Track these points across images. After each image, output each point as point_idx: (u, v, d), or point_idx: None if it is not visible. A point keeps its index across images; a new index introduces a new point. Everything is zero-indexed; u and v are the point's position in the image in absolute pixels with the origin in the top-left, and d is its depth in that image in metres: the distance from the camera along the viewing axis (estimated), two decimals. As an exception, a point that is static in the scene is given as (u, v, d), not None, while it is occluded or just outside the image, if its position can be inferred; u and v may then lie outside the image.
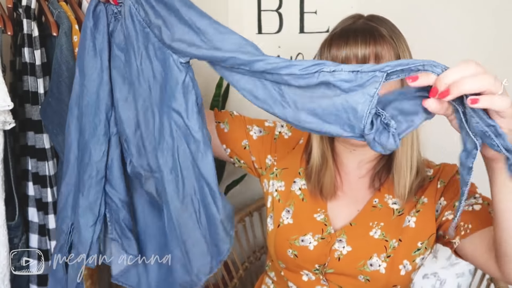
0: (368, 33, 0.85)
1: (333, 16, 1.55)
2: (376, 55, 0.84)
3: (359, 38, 0.85)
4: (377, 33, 0.86)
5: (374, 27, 0.87)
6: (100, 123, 0.79)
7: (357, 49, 0.85)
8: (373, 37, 0.85)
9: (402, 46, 0.88)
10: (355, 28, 0.88)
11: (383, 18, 0.91)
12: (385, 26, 0.88)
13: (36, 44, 1.11)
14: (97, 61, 0.77)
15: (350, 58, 0.85)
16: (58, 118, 1.11)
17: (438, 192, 0.92)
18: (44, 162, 1.14)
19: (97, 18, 0.76)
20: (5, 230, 1.05)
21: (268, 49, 1.54)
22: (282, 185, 1.01)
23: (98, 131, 0.80)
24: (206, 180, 0.73)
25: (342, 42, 0.86)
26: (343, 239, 0.93)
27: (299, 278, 0.96)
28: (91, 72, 0.77)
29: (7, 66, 1.21)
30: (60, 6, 1.16)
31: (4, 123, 1.01)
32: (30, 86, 1.12)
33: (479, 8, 1.47)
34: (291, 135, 1.04)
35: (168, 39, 0.70)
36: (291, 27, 1.52)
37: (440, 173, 0.94)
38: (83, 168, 0.82)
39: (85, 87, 0.78)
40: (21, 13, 1.10)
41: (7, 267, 1.05)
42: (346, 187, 0.98)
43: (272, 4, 1.52)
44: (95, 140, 0.80)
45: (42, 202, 1.15)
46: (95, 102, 0.79)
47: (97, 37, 0.76)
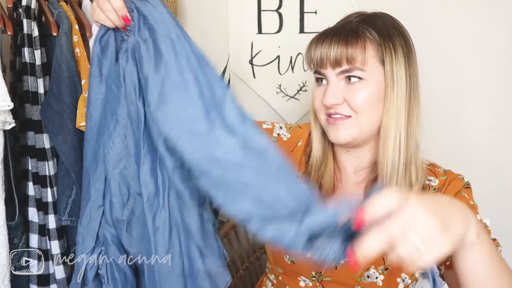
0: (344, 34, 0.84)
1: (333, 16, 1.55)
2: (347, 57, 0.82)
3: (333, 38, 0.84)
4: (354, 33, 0.83)
5: (357, 27, 0.85)
6: (99, 150, 0.77)
7: (330, 50, 0.83)
8: (345, 38, 0.83)
9: (390, 48, 0.84)
10: (336, 28, 0.86)
11: (381, 15, 0.88)
12: (374, 27, 0.85)
13: (36, 44, 1.11)
14: (102, 87, 0.76)
15: (324, 59, 0.84)
16: (58, 118, 1.11)
17: None
18: (44, 162, 1.14)
19: (105, 44, 0.75)
20: (5, 230, 1.05)
21: (268, 49, 1.55)
22: None
23: (97, 158, 0.77)
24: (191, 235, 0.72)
25: (318, 42, 0.86)
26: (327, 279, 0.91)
27: (297, 284, 0.96)
28: (95, 98, 0.76)
29: (7, 66, 1.21)
30: (60, 6, 1.17)
31: (4, 123, 1.01)
32: (30, 86, 1.13)
33: (481, 5, 1.47)
34: (290, 137, 1.02)
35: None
36: (291, 27, 1.52)
37: (445, 188, 0.89)
38: (83, 193, 0.79)
39: (89, 112, 0.77)
40: (21, 13, 1.10)
41: (7, 267, 1.05)
42: (345, 191, 0.96)
43: (272, 4, 1.52)
44: (93, 166, 0.77)
45: (42, 202, 1.15)
46: (97, 128, 0.77)
47: (103, 62, 0.75)
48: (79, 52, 1.15)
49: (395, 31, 0.86)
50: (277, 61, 1.55)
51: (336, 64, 0.84)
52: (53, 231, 1.15)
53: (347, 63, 0.83)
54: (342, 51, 0.82)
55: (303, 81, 1.56)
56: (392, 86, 0.84)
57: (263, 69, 1.55)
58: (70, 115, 1.12)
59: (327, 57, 0.84)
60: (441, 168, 0.94)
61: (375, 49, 0.83)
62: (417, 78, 0.87)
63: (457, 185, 0.88)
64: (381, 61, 0.84)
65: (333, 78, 0.85)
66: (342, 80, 0.85)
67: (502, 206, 1.54)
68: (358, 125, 0.85)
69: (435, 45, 1.49)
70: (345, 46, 0.82)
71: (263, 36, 1.54)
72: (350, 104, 0.84)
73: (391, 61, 0.84)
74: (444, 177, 0.91)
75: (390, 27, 0.86)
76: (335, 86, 0.85)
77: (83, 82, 1.14)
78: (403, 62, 0.85)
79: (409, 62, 0.86)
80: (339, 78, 0.85)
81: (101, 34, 0.74)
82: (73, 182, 1.13)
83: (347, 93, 0.84)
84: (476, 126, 1.52)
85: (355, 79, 0.83)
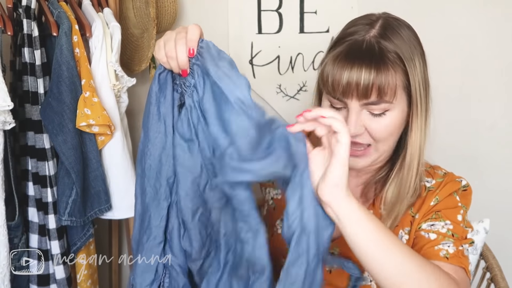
0: (374, 59, 0.76)
1: (333, 16, 1.56)
2: (378, 88, 0.76)
3: (363, 64, 0.76)
4: (382, 59, 0.76)
5: (382, 50, 0.77)
6: (160, 188, 0.78)
7: (360, 78, 0.75)
8: (377, 65, 0.75)
9: (413, 73, 0.78)
10: (362, 51, 0.77)
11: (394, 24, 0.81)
12: (393, 45, 0.78)
13: (36, 44, 1.11)
14: (161, 125, 0.76)
15: (351, 87, 0.76)
16: (58, 118, 1.11)
17: (429, 209, 0.86)
18: (44, 162, 1.14)
19: (163, 83, 0.75)
20: (5, 230, 1.05)
21: (268, 49, 1.55)
22: (279, 193, 0.98)
23: (158, 196, 0.78)
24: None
25: (345, 65, 0.77)
26: (335, 251, 0.90)
27: None
28: (154, 136, 0.76)
29: (7, 66, 1.21)
30: (60, 6, 1.16)
31: (4, 123, 1.01)
32: (30, 86, 1.12)
33: (477, 4, 1.47)
34: None
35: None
36: (291, 27, 1.52)
37: (442, 187, 0.87)
38: (143, 229, 0.80)
39: (148, 150, 0.77)
40: (21, 13, 1.10)
41: (7, 267, 1.05)
42: None
43: (272, 4, 1.52)
44: (155, 204, 0.78)
45: (42, 202, 1.15)
46: (157, 166, 0.77)
47: (161, 101, 0.75)
48: (79, 52, 1.15)
49: (413, 45, 0.80)
50: (277, 61, 1.55)
51: (363, 95, 0.76)
52: (53, 231, 1.15)
53: (377, 95, 0.76)
54: (373, 80, 0.75)
55: (303, 81, 1.56)
56: (416, 112, 0.81)
57: (263, 69, 1.55)
58: (70, 115, 1.12)
59: (356, 85, 0.76)
60: (442, 170, 0.92)
61: (401, 76, 0.78)
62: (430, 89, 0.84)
63: (453, 187, 0.87)
64: (406, 87, 0.79)
65: (355, 108, 0.79)
66: (364, 110, 0.79)
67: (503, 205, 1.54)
68: (377, 151, 0.83)
69: (436, 45, 1.49)
70: (376, 75, 0.75)
71: (263, 36, 1.54)
72: (371, 134, 0.80)
73: (415, 84, 0.79)
74: (441, 179, 0.89)
75: (409, 41, 0.80)
76: (357, 116, 0.79)
77: (83, 82, 1.14)
78: (421, 78, 0.80)
79: (425, 75, 0.82)
80: (362, 107, 0.79)
81: (160, 72, 0.74)
82: (73, 182, 1.12)
83: (369, 122, 0.80)
84: (477, 126, 1.52)
85: (381, 112, 0.78)
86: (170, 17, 1.42)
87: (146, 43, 1.35)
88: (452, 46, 1.49)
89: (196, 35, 0.69)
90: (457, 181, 0.88)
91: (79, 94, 1.13)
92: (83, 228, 1.20)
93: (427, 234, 0.82)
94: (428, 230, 0.82)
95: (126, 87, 1.25)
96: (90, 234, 1.22)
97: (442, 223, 0.83)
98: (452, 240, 0.80)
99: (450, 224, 0.83)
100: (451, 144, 1.54)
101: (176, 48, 0.69)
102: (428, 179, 0.89)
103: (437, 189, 0.87)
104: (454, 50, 1.49)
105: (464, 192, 0.87)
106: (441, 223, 0.83)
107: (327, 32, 1.51)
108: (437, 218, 0.83)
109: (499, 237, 1.40)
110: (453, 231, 0.82)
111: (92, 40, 1.18)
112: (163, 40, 0.71)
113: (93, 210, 1.19)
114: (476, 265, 1.19)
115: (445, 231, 0.82)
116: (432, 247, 0.80)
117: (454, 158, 1.54)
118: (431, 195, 0.86)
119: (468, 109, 1.51)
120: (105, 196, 1.21)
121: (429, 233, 0.82)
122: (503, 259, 1.20)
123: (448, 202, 0.86)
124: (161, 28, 1.42)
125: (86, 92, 1.13)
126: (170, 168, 0.77)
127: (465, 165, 1.54)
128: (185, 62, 0.69)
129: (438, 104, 1.49)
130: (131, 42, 1.44)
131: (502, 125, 1.52)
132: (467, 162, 1.55)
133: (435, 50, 1.49)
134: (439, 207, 0.85)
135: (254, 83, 1.57)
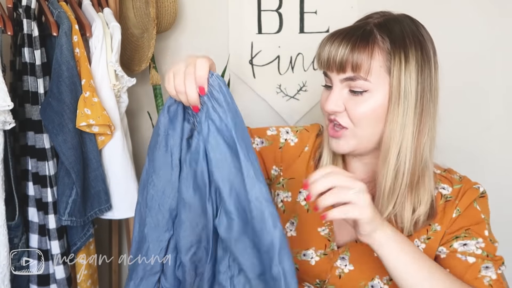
0: (354, 37, 0.79)
1: (333, 16, 1.56)
2: (352, 63, 0.78)
3: (343, 40, 0.79)
4: (365, 38, 0.79)
5: (370, 31, 0.80)
6: (163, 220, 0.76)
7: (336, 52, 0.79)
8: (354, 42, 0.78)
9: (400, 59, 0.78)
10: (349, 29, 0.81)
11: (403, 20, 0.83)
12: (389, 33, 0.79)
13: (36, 44, 1.11)
14: (168, 157, 0.74)
15: (330, 61, 0.80)
16: (58, 118, 1.11)
17: (452, 222, 0.84)
18: (44, 162, 1.14)
19: (173, 115, 0.73)
20: (5, 230, 1.05)
21: (268, 49, 1.55)
22: (289, 196, 0.96)
23: (160, 228, 0.76)
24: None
25: (328, 41, 0.82)
26: (346, 256, 0.88)
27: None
28: (159, 167, 0.75)
29: (7, 66, 1.21)
30: (60, 6, 1.17)
31: (4, 123, 1.01)
32: (30, 86, 1.13)
33: (478, 9, 1.47)
34: (297, 141, 0.98)
35: None
36: (291, 27, 1.52)
37: (460, 198, 0.84)
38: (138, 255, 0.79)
39: (152, 180, 0.76)
40: (21, 13, 1.10)
41: (7, 267, 1.05)
42: None
43: (272, 4, 1.52)
44: (155, 235, 0.76)
45: (42, 202, 1.15)
46: (160, 198, 0.76)
47: (170, 133, 0.74)
48: (79, 52, 1.15)
49: (412, 40, 0.80)
50: (277, 61, 1.55)
51: (340, 69, 0.80)
52: (53, 231, 1.15)
53: (351, 70, 0.79)
54: (347, 55, 0.78)
55: (303, 81, 1.56)
56: (397, 100, 0.79)
57: (263, 69, 1.55)
58: (70, 115, 1.12)
59: (333, 60, 0.80)
60: (457, 174, 0.89)
61: (383, 59, 0.78)
62: (435, 90, 0.82)
63: (472, 195, 0.85)
64: (389, 71, 0.79)
65: (337, 84, 0.82)
66: (346, 88, 0.81)
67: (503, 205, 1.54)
68: (356, 136, 0.82)
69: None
70: (351, 51, 0.78)
71: (263, 36, 1.54)
72: (349, 115, 0.81)
73: (399, 73, 0.78)
74: (459, 185, 0.86)
75: (408, 35, 0.80)
76: (338, 93, 0.82)
77: (83, 82, 1.14)
78: (415, 75, 0.79)
79: (423, 75, 0.80)
80: (343, 85, 0.81)
81: (170, 104, 0.73)
82: (73, 182, 1.13)
83: (349, 102, 0.81)
84: (476, 126, 1.52)
85: (359, 90, 0.79)
86: (170, 17, 1.42)
87: (146, 43, 1.35)
88: (453, 45, 1.49)
89: (205, 71, 0.67)
90: (475, 188, 0.86)
91: (79, 94, 1.13)
92: (83, 228, 1.20)
93: (464, 257, 0.81)
94: (464, 252, 0.82)
95: (126, 87, 1.25)
96: (90, 234, 1.22)
97: (474, 241, 0.82)
98: (489, 262, 0.81)
99: (482, 242, 0.82)
100: (450, 144, 1.54)
101: (185, 83, 0.67)
102: (445, 185, 0.87)
103: (456, 199, 0.85)
104: (455, 49, 1.49)
105: (481, 199, 0.86)
106: (473, 242, 0.82)
107: (327, 32, 1.51)
108: (468, 237, 0.82)
109: (499, 237, 1.40)
110: (485, 249, 0.82)
111: (92, 40, 1.18)
112: (172, 72, 0.69)
113: (93, 210, 1.19)
114: (476, 265, 1.19)
115: (480, 252, 0.82)
116: (476, 276, 0.80)
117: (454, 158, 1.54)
118: (451, 206, 0.85)
119: (468, 110, 1.51)
120: (105, 196, 1.21)
121: (466, 256, 0.82)
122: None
123: (471, 215, 0.84)
124: (161, 28, 1.42)
125: (86, 92, 1.13)
126: (174, 201, 0.75)
127: (465, 164, 1.55)
128: (195, 99, 0.68)
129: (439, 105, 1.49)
130: (131, 42, 1.44)
131: (502, 126, 1.52)
132: (467, 162, 1.55)
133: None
134: (464, 222, 0.84)
135: (254, 83, 1.57)
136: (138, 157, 1.58)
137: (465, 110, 1.52)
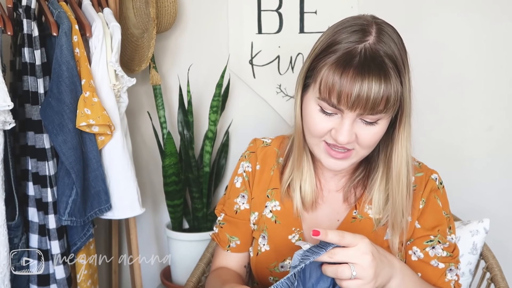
0: (381, 71, 0.72)
1: (333, 16, 1.55)
2: (388, 98, 0.73)
3: (372, 77, 0.71)
4: (382, 70, 0.73)
5: (380, 62, 0.73)
6: None
7: (370, 89, 0.71)
8: (384, 77, 0.72)
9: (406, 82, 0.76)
10: (367, 60, 0.73)
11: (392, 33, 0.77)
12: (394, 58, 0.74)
13: (36, 44, 1.11)
14: None
15: (362, 98, 0.72)
16: (58, 118, 1.11)
17: (419, 213, 0.86)
18: (44, 162, 1.14)
19: None
20: (5, 230, 1.05)
21: (268, 49, 1.55)
22: (256, 215, 0.95)
23: None
24: None
25: (357, 77, 0.72)
26: None
27: None
28: None
29: (7, 66, 1.21)
30: (60, 6, 1.17)
31: (4, 123, 1.01)
32: (30, 86, 1.13)
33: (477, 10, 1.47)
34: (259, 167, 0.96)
35: None
36: (291, 27, 1.52)
37: (423, 188, 0.87)
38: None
39: None
40: (21, 13, 1.10)
41: (7, 267, 1.05)
42: (326, 197, 0.92)
43: (272, 4, 1.52)
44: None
45: (42, 202, 1.15)
46: None
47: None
48: (79, 52, 1.15)
49: (405, 54, 0.78)
50: (277, 61, 1.55)
51: (371, 109, 0.73)
52: (53, 231, 1.15)
53: (383, 107, 0.73)
54: (383, 93, 0.72)
55: (303, 81, 1.55)
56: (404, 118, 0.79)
57: (263, 69, 1.55)
58: (70, 115, 1.12)
59: (367, 99, 0.72)
60: (416, 161, 0.91)
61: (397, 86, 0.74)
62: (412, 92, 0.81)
63: (432, 187, 0.88)
64: (401, 95, 0.75)
65: (353, 117, 0.75)
66: (358, 117, 0.76)
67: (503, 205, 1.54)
68: (358, 156, 0.81)
69: (434, 45, 1.49)
70: (385, 86, 0.72)
71: (263, 36, 1.54)
72: (359, 141, 0.78)
73: (407, 93, 0.77)
74: (420, 173, 0.88)
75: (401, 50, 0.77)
76: (352, 124, 0.76)
77: (83, 82, 1.14)
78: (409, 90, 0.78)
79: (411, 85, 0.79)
80: (358, 116, 0.75)
81: None
82: (73, 182, 1.13)
83: (359, 130, 0.77)
84: (475, 127, 1.52)
85: (374, 121, 0.76)
86: (170, 17, 1.42)
87: (146, 43, 1.35)
88: (451, 46, 1.49)
89: None
90: (432, 180, 0.88)
91: (79, 94, 1.13)
92: (83, 228, 1.20)
93: (436, 263, 0.86)
94: (434, 256, 0.86)
95: (126, 87, 1.25)
96: (90, 234, 1.22)
97: (441, 245, 0.86)
98: (452, 263, 0.86)
99: (446, 243, 0.87)
100: (449, 144, 1.54)
101: None
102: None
103: (420, 190, 0.88)
104: (454, 49, 1.49)
105: (440, 192, 0.89)
106: (440, 246, 0.86)
107: (327, 32, 1.51)
108: (435, 241, 0.86)
109: (499, 237, 1.40)
110: (447, 249, 0.86)
111: (92, 40, 1.18)
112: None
113: (93, 210, 1.20)
114: (476, 265, 1.19)
115: (445, 254, 0.86)
116: (444, 280, 0.86)
117: (454, 158, 1.54)
118: (416, 196, 0.87)
119: (466, 111, 1.51)
120: (105, 196, 1.21)
121: (438, 263, 0.85)
122: (503, 259, 1.20)
123: (436, 211, 0.87)
124: (161, 28, 1.42)
125: (86, 92, 1.13)
126: None
127: (465, 165, 1.55)
128: None
129: (435, 106, 1.49)
130: (131, 42, 1.44)
131: (500, 126, 1.52)
132: (466, 162, 1.55)
133: (435, 51, 1.49)
134: (430, 221, 0.87)
135: (254, 83, 1.57)
136: (138, 157, 1.58)
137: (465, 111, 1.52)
